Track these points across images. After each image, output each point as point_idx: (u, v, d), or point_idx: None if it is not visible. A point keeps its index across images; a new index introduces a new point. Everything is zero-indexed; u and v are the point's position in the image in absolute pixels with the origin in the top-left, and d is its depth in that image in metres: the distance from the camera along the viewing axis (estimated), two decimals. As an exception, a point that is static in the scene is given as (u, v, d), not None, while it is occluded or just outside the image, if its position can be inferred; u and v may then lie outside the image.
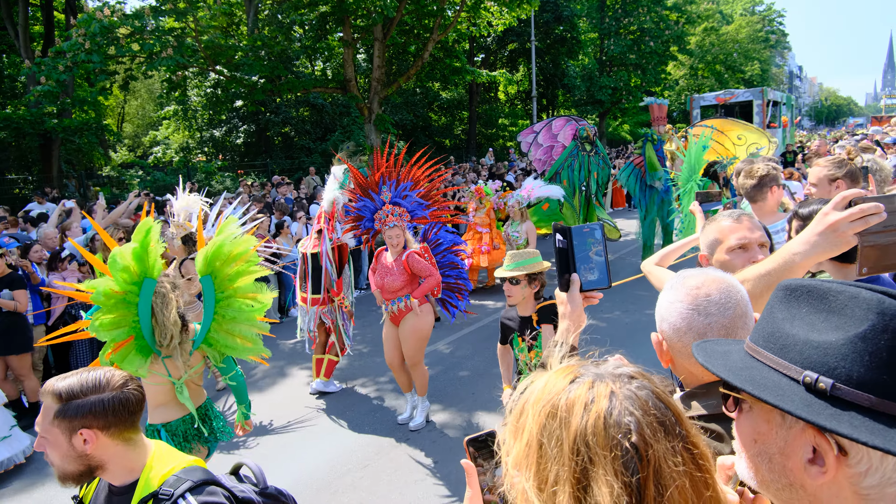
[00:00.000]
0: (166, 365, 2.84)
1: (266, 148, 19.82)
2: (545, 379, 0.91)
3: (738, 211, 2.19)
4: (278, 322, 8.87)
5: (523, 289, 3.47)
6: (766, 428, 0.87)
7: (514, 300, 3.50)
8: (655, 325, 1.47)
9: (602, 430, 0.80)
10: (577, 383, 0.86)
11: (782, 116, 19.37)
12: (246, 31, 16.78)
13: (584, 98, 30.32)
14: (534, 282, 3.49)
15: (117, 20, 12.24)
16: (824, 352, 0.80)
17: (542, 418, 0.85)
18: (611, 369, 0.89)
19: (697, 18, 34.47)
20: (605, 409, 0.81)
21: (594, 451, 0.79)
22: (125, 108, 29.42)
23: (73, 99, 14.61)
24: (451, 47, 18.12)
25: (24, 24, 15.54)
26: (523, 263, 3.47)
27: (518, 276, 3.45)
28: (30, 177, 16.28)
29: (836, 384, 0.77)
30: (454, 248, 5.51)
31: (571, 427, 0.81)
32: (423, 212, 5.25)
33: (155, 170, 17.04)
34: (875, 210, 1.36)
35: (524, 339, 3.50)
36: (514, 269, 3.46)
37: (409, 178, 5.19)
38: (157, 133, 23.21)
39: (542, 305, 3.51)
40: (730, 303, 1.35)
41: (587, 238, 1.53)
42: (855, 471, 0.78)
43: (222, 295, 2.92)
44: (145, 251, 2.63)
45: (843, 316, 0.81)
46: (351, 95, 16.37)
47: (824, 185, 3.30)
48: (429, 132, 26.01)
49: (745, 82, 38.95)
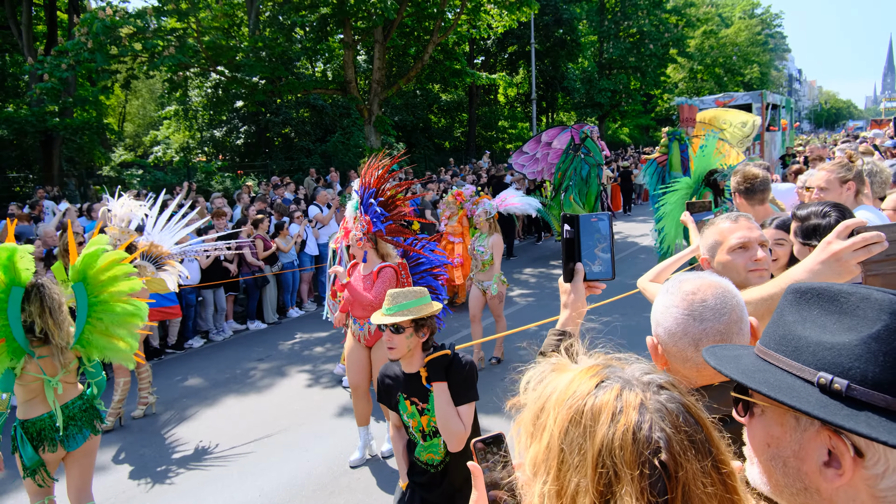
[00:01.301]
0: (41, 364, 3.05)
1: (266, 149, 19.86)
2: (569, 375, 0.87)
3: (735, 213, 2.22)
4: (277, 323, 8.94)
5: (409, 338, 2.70)
6: (779, 431, 0.86)
7: (397, 353, 2.71)
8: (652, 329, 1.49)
9: (630, 445, 0.76)
10: (603, 388, 0.82)
11: (782, 120, 19.42)
12: (247, 32, 16.83)
13: (583, 101, 30.39)
14: (422, 329, 2.72)
15: (120, 19, 12.31)
16: (838, 353, 0.79)
17: (565, 423, 0.81)
18: (638, 375, 0.85)
19: (697, 22, 34.61)
20: (635, 422, 0.77)
21: (620, 467, 0.75)
22: (126, 107, 29.45)
23: (74, 98, 14.67)
24: (451, 50, 18.20)
25: (28, 24, 15.59)
26: (407, 306, 2.72)
27: (401, 322, 2.66)
28: (30, 175, 16.32)
29: (851, 385, 0.77)
30: (434, 270, 4.89)
31: (597, 437, 0.77)
32: (381, 225, 4.53)
33: (155, 169, 17.08)
34: (877, 239, 1.38)
35: (412, 402, 2.76)
36: (396, 314, 2.69)
37: (373, 185, 4.56)
38: (158, 133, 23.25)
39: (431, 358, 2.69)
40: (725, 308, 1.35)
41: (594, 228, 1.53)
42: (871, 472, 0.77)
43: (96, 300, 3.16)
44: (12, 263, 2.92)
45: (856, 317, 0.80)
46: (351, 97, 16.43)
47: (835, 187, 3.35)
48: (428, 134, 26.05)
49: (745, 85, 39.06)
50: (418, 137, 24.70)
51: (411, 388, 2.77)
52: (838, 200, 3.36)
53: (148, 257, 5.22)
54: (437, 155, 24.10)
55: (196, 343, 8.03)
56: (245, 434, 5.20)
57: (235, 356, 7.45)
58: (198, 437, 5.22)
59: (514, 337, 7.53)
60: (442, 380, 2.63)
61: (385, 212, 4.56)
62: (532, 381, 0.91)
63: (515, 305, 8.96)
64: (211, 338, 8.27)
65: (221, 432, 5.29)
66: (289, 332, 8.45)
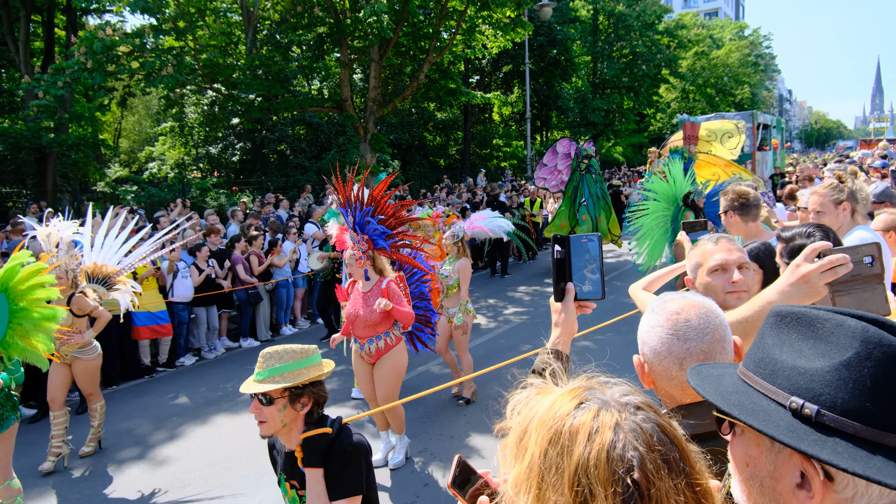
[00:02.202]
0: None
1: (261, 165, 19.92)
2: (551, 398, 0.90)
3: (717, 234, 2.26)
4: (270, 341, 8.89)
5: (282, 411, 2.11)
6: (756, 452, 0.88)
7: (266, 428, 2.13)
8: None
9: (604, 464, 0.78)
10: (582, 409, 0.85)
11: (773, 139, 19.66)
12: (244, 51, 16.98)
13: (577, 120, 30.71)
14: (300, 399, 2.14)
15: (118, 38, 12.40)
16: (810, 378, 0.81)
17: (545, 443, 0.84)
18: (617, 396, 0.88)
19: (688, 43, 35.16)
20: (609, 441, 0.80)
21: (594, 485, 0.78)
22: (122, 123, 29.51)
23: (70, 114, 14.70)
24: (446, 69, 18.39)
25: (25, 40, 15.68)
26: (281, 370, 2.12)
27: (271, 391, 2.09)
28: (24, 190, 16.28)
29: (820, 410, 0.78)
30: (425, 277, 5.10)
31: (573, 456, 0.80)
32: (384, 242, 4.53)
33: (150, 185, 17.08)
34: (842, 262, 1.42)
35: (292, 486, 2.27)
36: (267, 380, 2.11)
37: (371, 202, 4.49)
38: (153, 149, 23.29)
39: (307, 437, 2.12)
40: (708, 328, 1.38)
41: (584, 249, 1.56)
42: (841, 496, 0.78)
43: (16, 307, 3.38)
44: None
45: (829, 343, 0.82)
46: (347, 115, 16.53)
47: (830, 209, 3.39)
48: (424, 152, 26.21)
49: (736, 105, 39.59)
50: (413, 155, 24.84)
51: (290, 469, 2.25)
52: (835, 222, 3.40)
53: (95, 279, 5.06)
54: (432, 172, 24.22)
55: (188, 361, 7.97)
56: (237, 453, 5.15)
57: (227, 374, 7.40)
58: (189, 456, 5.16)
59: (508, 358, 7.52)
60: (317, 465, 2.09)
61: (387, 229, 4.52)
62: (518, 405, 0.94)
63: (510, 323, 8.97)
64: (203, 355, 8.22)
65: (213, 451, 5.24)
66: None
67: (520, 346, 7.79)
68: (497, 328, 8.75)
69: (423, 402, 6.04)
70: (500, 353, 7.50)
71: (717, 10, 68.90)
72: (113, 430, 5.69)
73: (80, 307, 4.90)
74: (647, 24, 31.06)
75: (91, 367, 5.05)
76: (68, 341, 4.85)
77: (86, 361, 5.00)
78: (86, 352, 5.00)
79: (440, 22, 16.01)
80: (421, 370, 7.07)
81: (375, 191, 4.48)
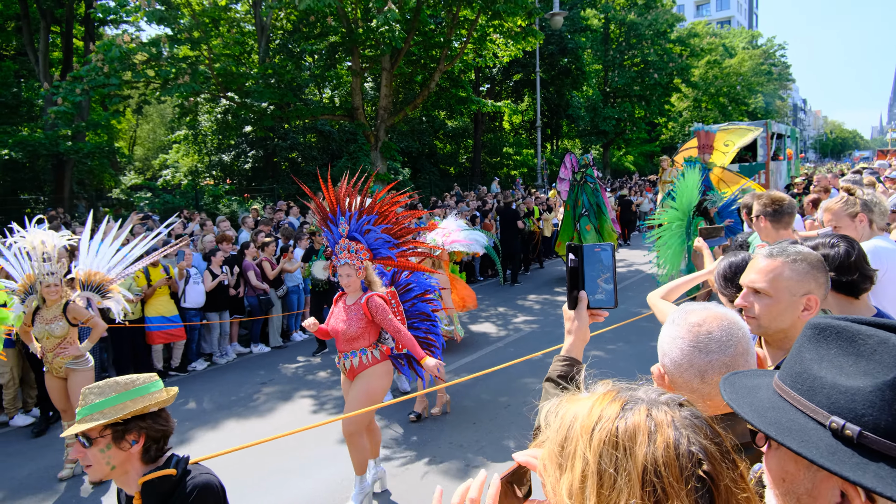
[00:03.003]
0: None
1: (273, 173, 20.09)
2: (587, 403, 0.88)
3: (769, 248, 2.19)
4: (281, 347, 8.93)
5: (104, 451, 1.86)
6: (793, 468, 0.85)
7: (93, 473, 1.88)
8: (658, 358, 1.51)
9: (673, 460, 0.78)
10: (630, 410, 0.84)
11: (787, 149, 19.53)
12: (257, 60, 17.18)
13: (588, 128, 30.68)
14: (128, 435, 1.87)
15: (135, 47, 12.63)
16: (852, 398, 0.78)
17: (600, 446, 0.82)
18: (655, 396, 0.87)
19: (701, 52, 35.05)
20: (673, 438, 0.79)
21: (667, 483, 0.77)
22: (137, 131, 29.94)
23: (87, 122, 14.95)
24: (457, 77, 18.49)
25: (45, 51, 16.00)
26: (100, 406, 1.87)
27: (87, 430, 1.84)
28: (41, 197, 16.55)
29: (863, 432, 0.75)
30: (426, 295, 4.63)
31: (638, 457, 0.79)
32: (389, 251, 4.33)
33: (164, 192, 17.29)
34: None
35: None
36: (85, 419, 1.87)
37: (375, 210, 4.31)
38: (168, 156, 23.59)
39: (147, 480, 1.87)
40: (731, 340, 1.36)
41: (597, 258, 1.59)
42: None
43: None
44: None
45: (872, 361, 0.79)
46: (358, 123, 16.66)
47: (847, 223, 3.35)
48: (434, 160, 26.31)
49: (749, 115, 39.35)
50: (424, 163, 24.94)
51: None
52: (854, 235, 3.36)
53: (89, 287, 4.85)
54: (442, 180, 24.29)
55: (199, 366, 8.03)
56: (245, 458, 5.16)
57: (238, 379, 7.44)
58: (198, 461, 5.19)
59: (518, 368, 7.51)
60: None
61: (391, 238, 4.32)
62: (549, 414, 0.92)
63: (519, 332, 8.94)
64: (214, 360, 8.28)
65: (222, 456, 5.25)
66: (292, 355, 8.45)
67: (529, 355, 7.76)
68: (507, 336, 8.73)
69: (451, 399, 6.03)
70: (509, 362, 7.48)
71: (730, 19, 68.67)
72: (124, 434, 5.73)
73: (75, 315, 4.74)
74: (659, 33, 31.00)
75: (87, 378, 4.82)
76: (63, 353, 4.71)
77: (81, 373, 4.78)
78: (81, 363, 4.80)
79: (451, 31, 16.13)
80: (432, 376, 7.06)
81: (377, 196, 4.31)
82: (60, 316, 4.71)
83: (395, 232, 4.36)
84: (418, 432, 5.54)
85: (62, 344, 4.72)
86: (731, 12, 70.71)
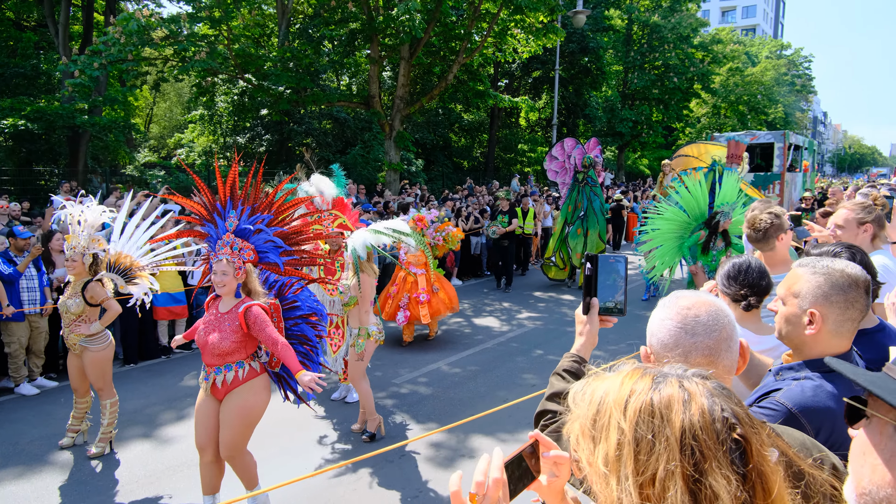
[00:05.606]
0: None
1: (287, 157, 20.12)
2: (616, 382, 0.93)
3: None
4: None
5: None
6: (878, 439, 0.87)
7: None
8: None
9: (709, 425, 0.84)
10: (662, 383, 0.90)
11: (804, 161, 19.30)
12: (276, 43, 17.19)
13: (604, 129, 30.47)
14: None
15: (155, 21, 12.66)
16: None
17: (636, 416, 0.87)
18: (681, 371, 0.93)
19: (723, 59, 34.67)
20: (707, 405, 0.86)
21: (705, 445, 0.83)
22: (154, 109, 30.08)
23: (104, 97, 15.02)
24: (475, 71, 18.38)
25: (65, 23, 16.06)
26: None
27: None
28: (56, 170, 16.66)
29: None
30: (312, 317, 4.02)
31: (675, 424, 0.84)
32: (278, 258, 3.88)
33: (178, 171, 17.37)
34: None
35: None
36: None
37: (272, 210, 3.87)
38: (183, 136, 23.68)
39: None
40: (717, 325, 1.42)
41: (612, 268, 1.73)
42: None
43: None
44: None
45: None
46: (374, 111, 16.65)
47: (852, 227, 3.31)
48: (448, 152, 26.24)
49: (768, 124, 38.93)
50: (437, 155, 24.89)
51: None
52: (854, 241, 3.31)
53: (115, 268, 4.71)
54: (455, 173, 24.23)
55: (203, 344, 8.07)
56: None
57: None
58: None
59: (518, 364, 7.49)
60: None
61: (284, 244, 3.89)
62: (576, 395, 0.98)
63: (523, 328, 8.92)
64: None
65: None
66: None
67: (531, 350, 7.74)
68: (510, 331, 8.71)
69: (435, 398, 6.03)
70: (510, 356, 7.46)
71: (756, 27, 67.91)
72: (128, 408, 5.76)
73: (92, 295, 4.65)
74: (682, 37, 30.69)
75: (100, 358, 4.76)
76: (77, 329, 4.68)
77: (94, 352, 4.74)
78: (94, 341, 4.74)
79: (472, 23, 16.05)
80: (432, 368, 7.06)
81: (273, 193, 3.88)
82: (78, 293, 4.69)
83: (288, 237, 3.94)
84: (412, 422, 5.54)
85: (77, 321, 4.71)
86: (757, 20, 69.92)
